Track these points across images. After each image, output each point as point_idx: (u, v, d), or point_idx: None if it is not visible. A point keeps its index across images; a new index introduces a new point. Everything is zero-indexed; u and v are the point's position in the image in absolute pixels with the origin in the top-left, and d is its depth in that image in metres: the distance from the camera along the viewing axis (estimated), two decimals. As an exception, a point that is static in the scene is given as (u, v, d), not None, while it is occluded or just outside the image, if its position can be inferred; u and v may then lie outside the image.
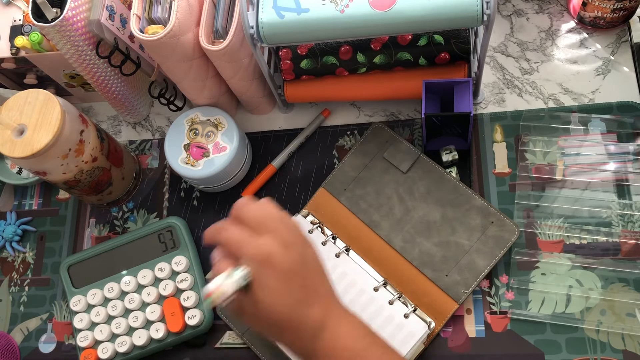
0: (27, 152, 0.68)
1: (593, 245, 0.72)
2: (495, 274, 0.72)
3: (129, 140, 0.89)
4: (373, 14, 0.63)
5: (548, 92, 0.80)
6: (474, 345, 0.70)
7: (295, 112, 0.86)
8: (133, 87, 0.85)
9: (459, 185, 0.74)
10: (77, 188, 0.77)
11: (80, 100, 0.92)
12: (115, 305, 0.77)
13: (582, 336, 0.68)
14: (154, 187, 0.86)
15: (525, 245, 0.73)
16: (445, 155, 0.76)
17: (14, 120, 0.69)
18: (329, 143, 0.82)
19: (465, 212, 0.72)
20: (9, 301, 0.84)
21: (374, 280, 0.71)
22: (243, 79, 0.76)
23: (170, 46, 0.67)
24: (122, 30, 0.74)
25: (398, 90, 0.78)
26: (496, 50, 0.83)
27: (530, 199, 0.74)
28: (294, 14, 0.64)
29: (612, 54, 0.80)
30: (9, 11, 0.81)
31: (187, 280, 0.76)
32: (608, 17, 0.78)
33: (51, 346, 0.81)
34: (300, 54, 0.75)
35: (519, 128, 0.78)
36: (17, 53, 0.78)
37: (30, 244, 0.86)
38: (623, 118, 0.76)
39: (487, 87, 0.81)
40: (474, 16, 0.62)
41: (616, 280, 0.70)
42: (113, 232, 0.85)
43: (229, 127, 0.78)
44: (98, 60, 0.75)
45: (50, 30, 0.69)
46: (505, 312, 0.71)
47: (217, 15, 0.70)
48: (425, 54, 0.74)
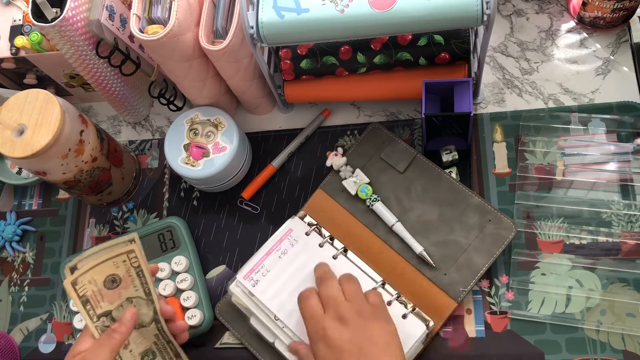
0: (27, 152, 0.68)
1: (593, 245, 0.72)
2: (495, 274, 0.72)
3: (129, 140, 0.89)
4: (373, 14, 0.63)
5: (548, 92, 0.80)
6: (474, 346, 0.70)
7: (295, 112, 0.86)
8: (133, 87, 0.85)
9: (456, 184, 0.74)
10: (77, 188, 0.77)
11: (80, 100, 0.92)
12: (115, 305, 0.77)
13: (582, 336, 0.68)
14: (153, 187, 0.86)
15: (525, 246, 0.73)
16: (445, 156, 0.76)
17: (14, 120, 0.69)
18: (329, 143, 0.82)
19: (463, 210, 0.72)
20: (8, 301, 0.84)
21: (372, 280, 0.71)
22: (243, 79, 0.76)
23: (170, 46, 0.67)
24: (122, 30, 0.74)
25: (398, 90, 0.78)
26: (496, 50, 0.83)
27: (530, 199, 0.74)
28: (294, 14, 0.64)
29: (612, 54, 0.80)
30: (9, 11, 0.81)
31: (187, 280, 0.76)
32: (608, 17, 0.78)
33: (51, 346, 0.81)
34: (300, 54, 0.75)
35: (519, 128, 0.78)
36: (17, 53, 0.78)
37: (30, 244, 0.86)
38: (623, 118, 0.76)
39: (487, 87, 0.81)
40: (474, 16, 0.62)
41: (616, 280, 0.70)
42: (113, 232, 0.85)
43: (229, 127, 0.78)
44: (98, 60, 0.75)
45: (50, 30, 0.69)
46: (505, 312, 0.71)
47: (217, 15, 0.70)
48: (425, 54, 0.74)
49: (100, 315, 0.62)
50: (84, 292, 0.61)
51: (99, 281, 0.62)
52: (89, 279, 0.61)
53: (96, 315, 0.62)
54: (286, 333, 0.69)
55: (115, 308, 0.63)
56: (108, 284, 0.62)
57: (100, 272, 0.61)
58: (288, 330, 0.69)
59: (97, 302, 0.62)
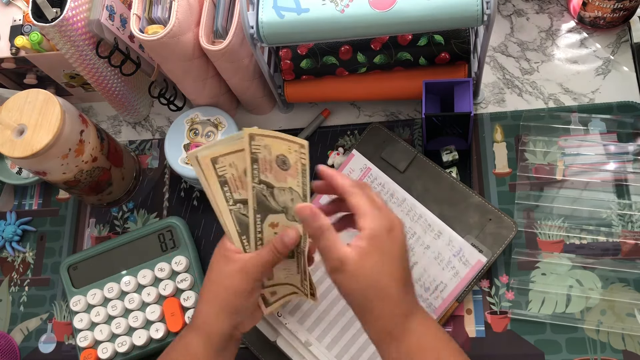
0: (27, 152, 0.68)
1: (593, 245, 0.72)
2: (495, 274, 0.72)
3: (129, 140, 0.89)
4: (373, 14, 0.63)
5: (548, 92, 0.80)
6: (474, 345, 0.70)
7: (295, 112, 0.86)
8: (133, 87, 0.85)
9: (456, 184, 0.74)
10: (77, 188, 0.77)
11: (80, 100, 0.92)
12: (115, 306, 0.77)
13: (582, 336, 0.68)
14: (154, 187, 0.86)
15: (525, 245, 0.73)
16: (446, 155, 0.76)
17: (14, 120, 0.69)
18: (329, 143, 0.82)
19: (463, 210, 0.72)
20: (9, 301, 0.84)
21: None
22: (243, 79, 0.76)
23: (170, 46, 0.67)
24: (122, 30, 0.74)
25: (398, 90, 0.78)
26: (496, 50, 0.83)
27: (530, 199, 0.74)
28: (294, 14, 0.64)
29: (612, 54, 0.80)
30: (9, 11, 0.81)
31: (187, 280, 0.76)
32: (608, 17, 0.78)
33: (51, 346, 0.81)
34: (300, 54, 0.75)
35: (519, 128, 0.78)
36: (17, 53, 0.78)
37: (30, 244, 0.86)
38: (623, 118, 0.76)
39: (487, 87, 0.81)
40: (474, 16, 0.62)
41: (616, 280, 0.70)
42: (113, 232, 0.85)
43: (229, 127, 0.78)
44: (98, 60, 0.75)
45: (50, 30, 0.69)
46: (505, 312, 0.71)
47: (217, 15, 0.70)
48: (425, 54, 0.74)
49: (262, 182, 0.58)
50: (223, 173, 0.58)
51: (273, 153, 0.58)
52: (266, 144, 0.57)
53: (259, 178, 0.58)
54: (289, 329, 0.69)
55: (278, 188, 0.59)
56: (279, 163, 0.59)
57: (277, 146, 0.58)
58: (290, 327, 0.69)
59: (266, 170, 0.58)
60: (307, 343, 0.69)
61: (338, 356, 0.68)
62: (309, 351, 0.69)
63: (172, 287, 0.76)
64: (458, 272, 0.69)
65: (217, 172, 0.57)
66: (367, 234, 0.54)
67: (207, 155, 0.57)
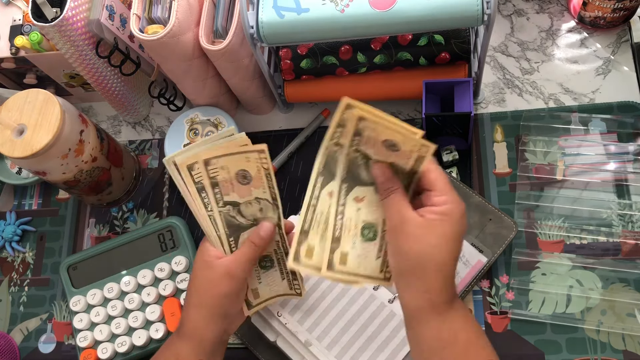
0: (27, 152, 0.68)
1: (593, 245, 0.72)
2: (495, 274, 0.72)
3: (128, 140, 0.89)
4: (373, 13, 0.63)
5: (548, 92, 0.80)
6: (474, 346, 0.70)
7: (295, 112, 0.86)
8: (133, 87, 0.84)
9: (456, 184, 0.73)
10: (77, 188, 0.77)
11: (80, 100, 0.92)
12: (115, 306, 0.77)
13: (583, 336, 0.68)
14: (153, 187, 0.86)
15: (525, 245, 0.73)
16: (446, 155, 0.76)
17: (13, 120, 0.69)
18: (329, 143, 0.82)
19: (464, 210, 0.72)
20: (8, 301, 0.84)
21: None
22: (243, 79, 0.76)
23: (170, 46, 0.67)
24: (122, 30, 0.74)
25: (398, 90, 0.78)
26: (496, 50, 0.83)
27: (530, 199, 0.74)
28: (294, 14, 0.64)
29: (612, 54, 0.80)
30: (9, 11, 0.81)
31: (187, 280, 0.76)
32: (608, 17, 0.78)
33: (51, 346, 0.81)
34: (300, 54, 0.75)
35: (519, 128, 0.78)
36: (17, 53, 0.78)
37: (30, 244, 0.86)
38: (623, 118, 0.76)
39: (488, 87, 0.81)
40: (474, 16, 0.62)
41: (616, 280, 0.70)
42: (113, 232, 0.85)
43: (229, 127, 0.77)
44: (98, 60, 0.75)
45: (50, 30, 0.69)
46: (505, 312, 0.71)
47: (217, 15, 0.70)
48: (426, 54, 0.74)
49: (227, 203, 0.60)
50: (215, 175, 0.58)
51: (232, 171, 0.59)
52: (222, 165, 0.58)
53: (223, 200, 0.59)
54: (289, 329, 0.69)
55: (244, 203, 0.60)
56: (240, 179, 0.59)
57: (234, 163, 0.58)
58: (290, 327, 0.69)
59: (228, 190, 0.59)
60: (307, 343, 0.69)
61: (338, 356, 0.68)
62: (309, 351, 0.69)
63: (172, 287, 0.76)
64: (458, 272, 0.69)
65: (193, 179, 0.58)
66: (443, 210, 0.53)
67: (184, 161, 0.57)
